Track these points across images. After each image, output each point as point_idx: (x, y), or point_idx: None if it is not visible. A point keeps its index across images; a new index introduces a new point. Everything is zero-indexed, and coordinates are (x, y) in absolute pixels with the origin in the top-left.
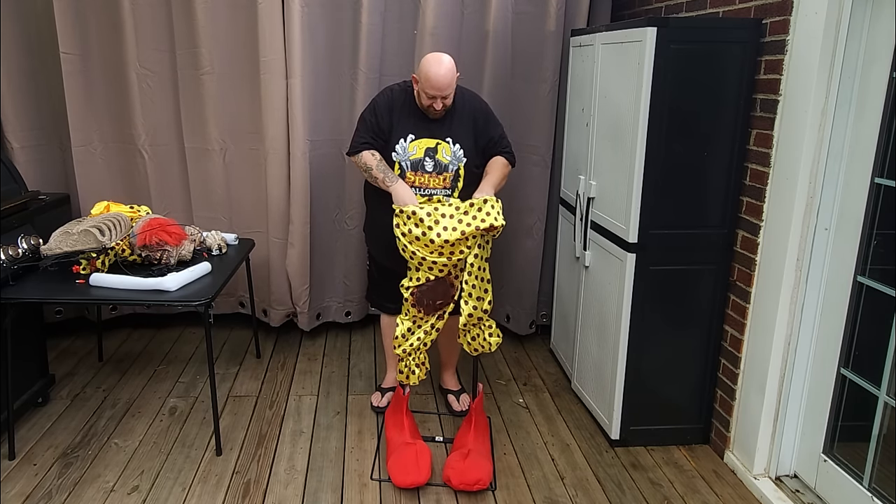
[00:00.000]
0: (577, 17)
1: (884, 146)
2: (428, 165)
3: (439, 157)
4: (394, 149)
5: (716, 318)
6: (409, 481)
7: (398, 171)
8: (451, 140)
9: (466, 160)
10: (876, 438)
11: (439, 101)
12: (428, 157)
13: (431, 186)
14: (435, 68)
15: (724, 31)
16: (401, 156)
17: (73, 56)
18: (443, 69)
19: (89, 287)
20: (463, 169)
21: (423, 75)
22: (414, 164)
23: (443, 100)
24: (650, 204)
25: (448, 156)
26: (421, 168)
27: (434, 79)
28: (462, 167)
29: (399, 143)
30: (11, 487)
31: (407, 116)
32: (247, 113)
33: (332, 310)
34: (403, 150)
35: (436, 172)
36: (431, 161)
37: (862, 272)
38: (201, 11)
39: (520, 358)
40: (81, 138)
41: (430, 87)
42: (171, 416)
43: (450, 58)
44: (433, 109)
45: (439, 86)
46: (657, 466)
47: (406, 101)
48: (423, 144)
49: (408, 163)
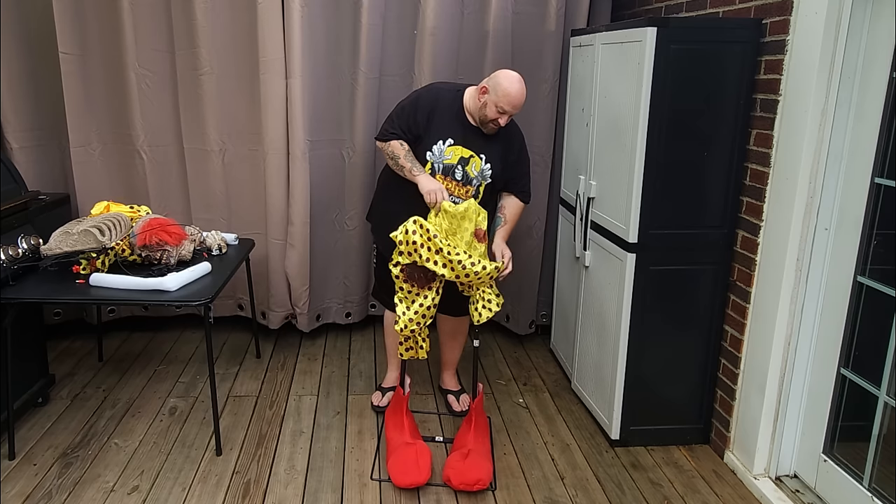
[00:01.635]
0: (577, 17)
1: (884, 146)
2: (457, 174)
3: (468, 169)
4: (430, 148)
5: (716, 318)
6: (409, 481)
7: (428, 171)
8: (485, 158)
9: (490, 182)
10: (876, 438)
11: (505, 118)
12: (459, 165)
13: (455, 194)
14: (516, 86)
15: (724, 31)
16: (436, 157)
17: (72, 56)
18: (520, 86)
19: (89, 287)
20: (483, 188)
21: (503, 90)
22: (446, 168)
23: (508, 118)
24: (650, 204)
25: (476, 171)
26: (451, 174)
27: (513, 95)
28: (483, 186)
29: (437, 145)
30: (11, 487)
31: (451, 120)
32: (246, 113)
33: (332, 311)
34: (440, 152)
35: (462, 183)
36: (461, 171)
37: (862, 272)
38: (201, 11)
39: (520, 358)
40: (80, 139)
41: (507, 104)
42: (171, 416)
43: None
44: (494, 124)
45: (516, 103)
46: (657, 466)
47: (453, 106)
48: (459, 153)
49: (440, 165)
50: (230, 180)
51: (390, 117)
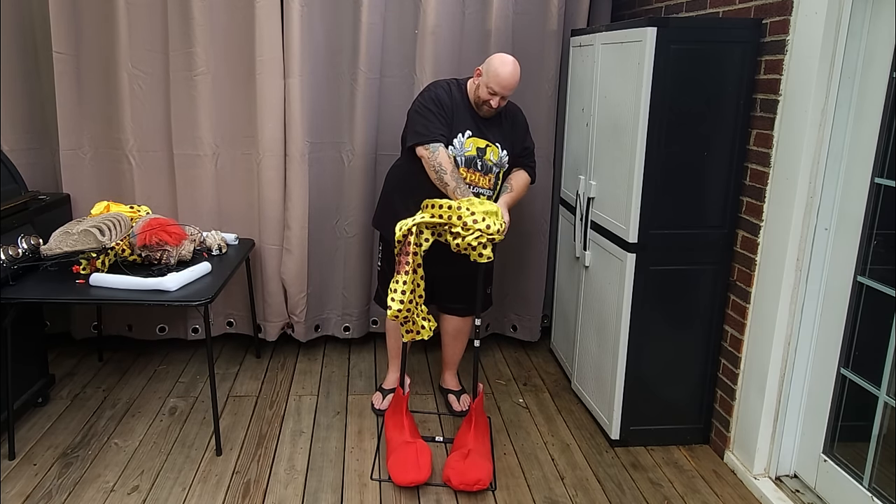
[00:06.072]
0: (577, 17)
1: (884, 146)
2: (479, 165)
3: (486, 158)
4: (451, 143)
5: (716, 318)
6: (409, 479)
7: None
8: (500, 145)
9: (508, 167)
10: (876, 438)
11: (497, 100)
12: (479, 156)
13: (480, 185)
14: (506, 67)
15: (724, 31)
16: (457, 150)
17: (67, 56)
18: (512, 68)
19: (89, 287)
20: (502, 174)
21: (493, 71)
22: (468, 160)
23: (501, 100)
24: (650, 204)
25: (494, 159)
26: (473, 166)
27: (504, 76)
28: (502, 172)
29: (457, 138)
30: (11, 487)
31: (464, 113)
32: (241, 115)
33: (331, 322)
34: (461, 145)
35: (483, 172)
36: (480, 161)
37: (862, 272)
38: (198, 11)
39: (520, 358)
40: (71, 142)
41: (497, 84)
42: (171, 416)
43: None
44: (487, 106)
45: (506, 84)
46: (657, 466)
47: (463, 99)
48: (476, 143)
49: (463, 158)
50: (221, 186)
51: (425, 118)
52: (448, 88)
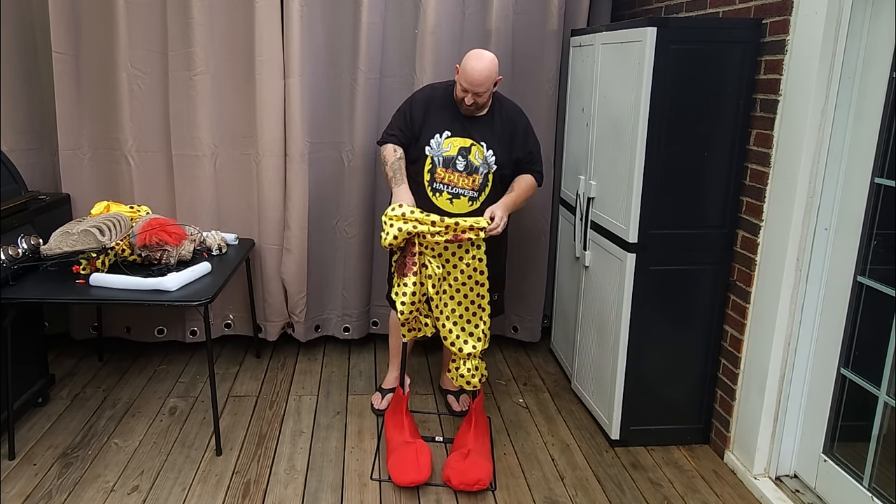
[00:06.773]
0: (577, 17)
1: (884, 146)
2: (459, 164)
3: (471, 158)
4: (428, 143)
5: (716, 318)
6: (409, 479)
7: (430, 166)
8: (486, 145)
9: (497, 168)
10: (876, 438)
11: (470, 97)
12: (461, 156)
13: (460, 186)
14: (473, 63)
15: (724, 31)
16: (434, 150)
17: (66, 56)
18: (480, 65)
19: (89, 287)
20: (492, 176)
21: (463, 69)
22: (446, 160)
23: (475, 97)
24: (650, 204)
25: (480, 159)
26: (452, 166)
27: (470, 72)
28: (491, 174)
29: (434, 138)
30: (11, 487)
31: (445, 113)
32: (241, 115)
33: (331, 323)
34: (438, 145)
35: (466, 173)
36: (464, 161)
37: (862, 272)
38: (198, 10)
39: (520, 358)
40: (70, 142)
41: (465, 80)
42: (171, 416)
43: (493, 58)
44: (464, 105)
45: (473, 80)
46: (657, 466)
47: (447, 99)
48: (458, 143)
49: (440, 158)
50: (220, 186)
51: (390, 121)
52: (432, 91)
